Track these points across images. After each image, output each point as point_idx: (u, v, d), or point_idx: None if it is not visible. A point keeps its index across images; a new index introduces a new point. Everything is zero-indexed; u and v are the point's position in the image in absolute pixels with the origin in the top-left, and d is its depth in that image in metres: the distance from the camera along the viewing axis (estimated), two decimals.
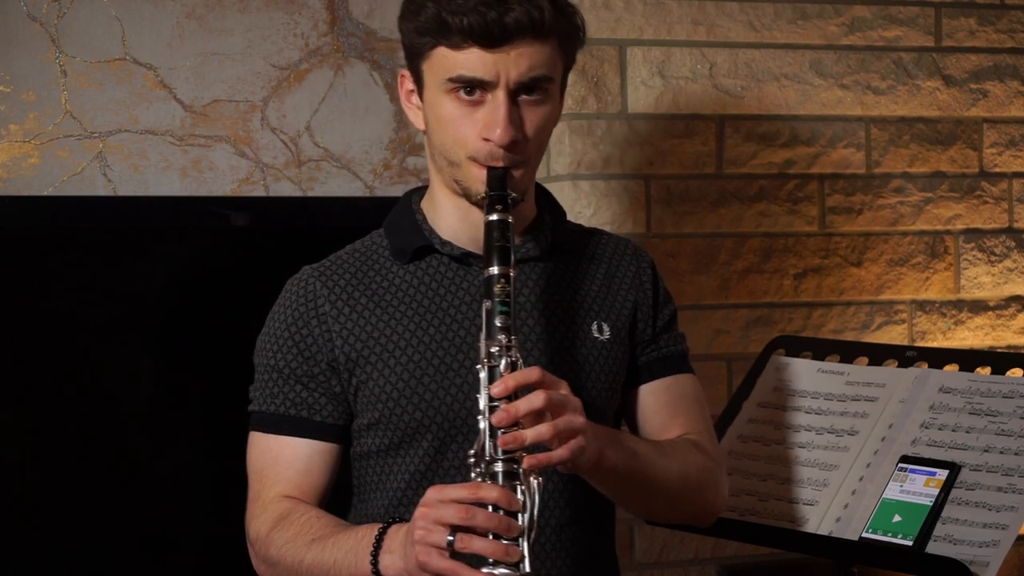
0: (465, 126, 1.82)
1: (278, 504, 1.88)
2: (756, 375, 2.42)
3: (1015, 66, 2.95)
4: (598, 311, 1.97)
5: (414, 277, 1.93)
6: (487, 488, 1.64)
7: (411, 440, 1.89)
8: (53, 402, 2.43)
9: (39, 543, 2.42)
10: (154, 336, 2.50)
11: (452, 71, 1.80)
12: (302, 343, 1.91)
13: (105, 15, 2.56)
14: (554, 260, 1.97)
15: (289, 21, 2.66)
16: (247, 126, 2.64)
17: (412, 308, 1.91)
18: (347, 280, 1.93)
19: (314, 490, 1.91)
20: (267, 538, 1.86)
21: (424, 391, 1.88)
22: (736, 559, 2.74)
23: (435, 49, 1.81)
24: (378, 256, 1.96)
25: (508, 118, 1.79)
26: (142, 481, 2.46)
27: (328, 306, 1.91)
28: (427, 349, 1.89)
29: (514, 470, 1.65)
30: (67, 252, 2.45)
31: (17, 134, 2.52)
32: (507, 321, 1.70)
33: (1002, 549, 2.00)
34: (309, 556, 1.80)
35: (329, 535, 1.80)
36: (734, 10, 2.77)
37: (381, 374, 1.89)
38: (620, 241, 2.07)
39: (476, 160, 1.82)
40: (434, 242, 1.93)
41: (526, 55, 1.79)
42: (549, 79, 1.83)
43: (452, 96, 1.82)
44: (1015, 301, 2.95)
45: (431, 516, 1.64)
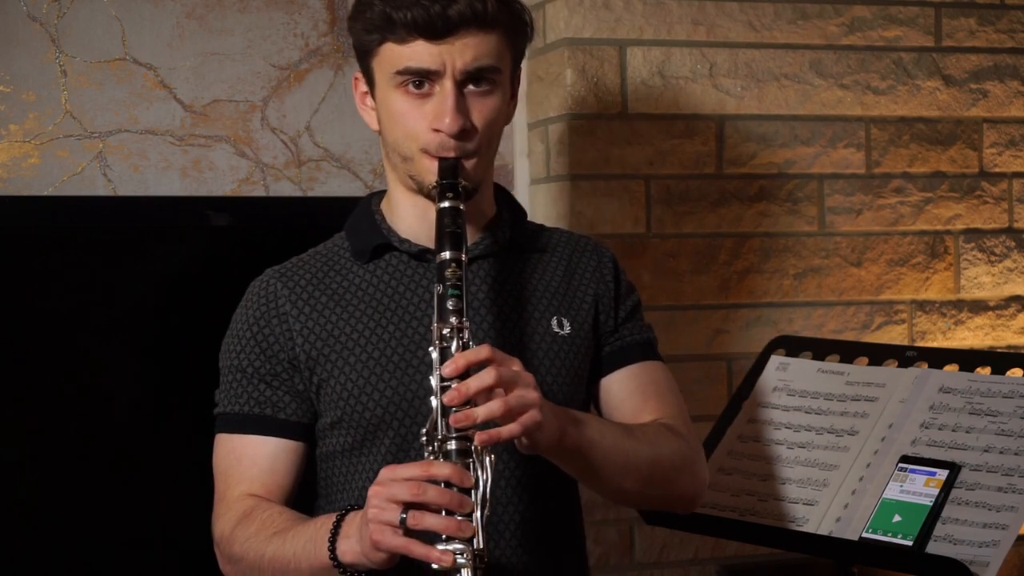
0: (415, 119, 1.85)
1: (242, 503, 1.90)
2: (756, 375, 2.42)
3: (1015, 66, 2.95)
4: (558, 306, 1.97)
5: (373, 276, 1.95)
6: (439, 465, 1.65)
7: (373, 438, 1.89)
8: (53, 402, 2.43)
9: (39, 543, 2.42)
10: (154, 336, 2.50)
11: (399, 64, 1.83)
12: (264, 342, 1.93)
13: (105, 15, 2.56)
14: (512, 257, 1.98)
15: (289, 21, 2.66)
16: (247, 126, 2.64)
17: (371, 306, 1.92)
18: (307, 280, 1.95)
19: (279, 489, 1.92)
20: (230, 536, 1.87)
21: (384, 387, 1.88)
22: (736, 559, 2.74)
23: (383, 45, 1.85)
24: (339, 257, 1.98)
25: (456, 107, 1.82)
26: (142, 481, 2.46)
27: (288, 306, 1.93)
28: (386, 346, 1.90)
29: (466, 447, 1.67)
30: (67, 252, 2.46)
31: (17, 134, 2.52)
32: (458, 304, 1.72)
33: (1002, 549, 2.00)
34: (270, 550, 1.82)
35: (289, 528, 1.82)
36: (734, 10, 2.77)
37: (342, 372, 1.90)
38: (580, 238, 2.08)
39: (427, 152, 1.85)
40: (392, 240, 1.95)
41: (471, 45, 1.82)
42: (495, 69, 1.85)
43: (401, 91, 1.85)
44: (1015, 301, 2.95)
45: (383, 494, 1.65)
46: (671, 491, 1.96)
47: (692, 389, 2.73)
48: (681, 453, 1.94)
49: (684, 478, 1.95)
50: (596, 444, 1.82)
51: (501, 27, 1.85)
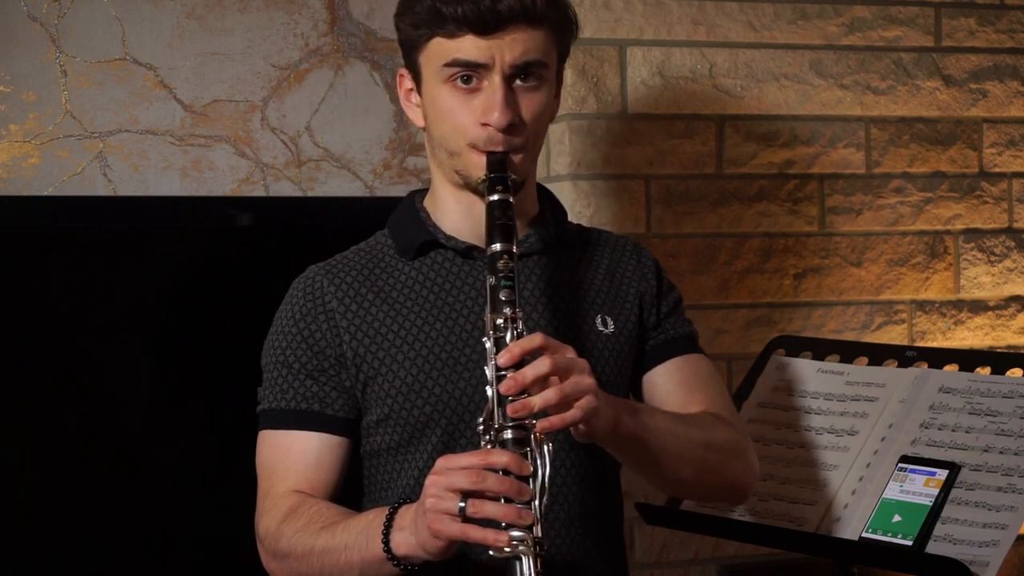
0: (463, 114, 1.85)
1: (287, 499, 1.88)
2: (756, 375, 2.42)
3: (1015, 66, 2.95)
4: (601, 305, 1.99)
5: (419, 273, 1.95)
6: (497, 454, 1.65)
7: (420, 436, 1.90)
8: (53, 402, 2.43)
9: (39, 543, 2.42)
10: (154, 336, 2.50)
11: (447, 56, 1.84)
12: (311, 338, 1.92)
13: (105, 15, 2.56)
14: (557, 254, 1.99)
15: (289, 21, 2.66)
16: (247, 126, 2.64)
17: (418, 304, 1.93)
18: (353, 277, 1.95)
19: (324, 484, 1.91)
20: (277, 532, 1.86)
21: (433, 385, 1.89)
22: (736, 559, 2.74)
23: (431, 40, 1.85)
24: (383, 255, 1.98)
25: (505, 101, 1.83)
26: (142, 481, 2.46)
27: (335, 303, 1.93)
28: (434, 344, 1.90)
29: (524, 436, 1.67)
30: (67, 252, 2.45)
31: (17, 134, 2.52)
32: (511, 295, 1.73)
33: (1002, 549, 2.00)
34: (319, 542, 1.80)
35: (339, 521, 1.81)
36: (734, 10, 2.77)
37: (389, 369, 1.90)
38: (620, 238, 2.10)
39: (475, 147, 1.85)
40: (439, 237, 1.95)
41: (520, 40, 1.83)
42: (543, 64, 1.87)
43: (449, 86, 1.85)
44: (1015, 301, 2.95)
45: (442, 483, 1.64)
46: (725, 478, 1.95)
47: None
48: (733, 440, 1.95)
49: (737, 465, 1.96)
50: (651, 430, 1.82)
51: (549, 23, 1.86)
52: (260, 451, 1.95)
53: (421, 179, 2.69)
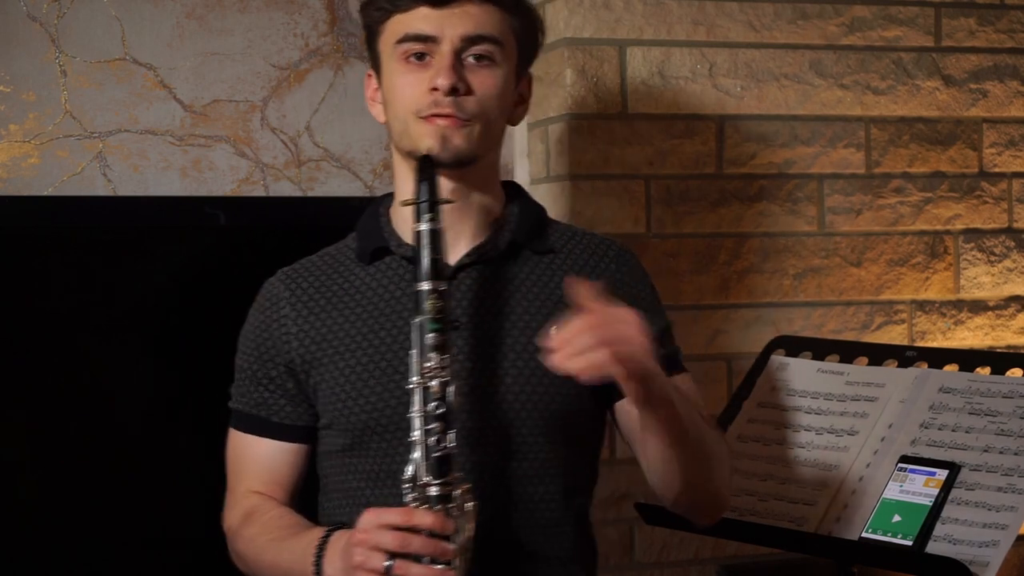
0: (413, 85, 1.86)
1: (247, 499, 1.97)
2: (756, 375, 2.42)
3: (1015, 66, 2.95)
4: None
5: (372, 279, 1.95)
6: (421, 514, 1.69)
7: (363, 441, 1.91)
8: (53, 402, 2.43)
9: (39, 543, 2.42)
10: (154, 336, 2.50)
11: (401, 32, 1.87)
12: (262, 346, 1.97)
13: (105, 15, 2.56)
14: (516, 260, 1.95)
15: (289, 21, 2.66)
16: (247, 126, 2.64)
17: (367, 310, 1.93)
18: (310, 283, 1.97)
19: (279, 487, 1.98)
20: (236, 532, 1.96)
21: (369, 394, 1.89)
22: (736, 559, 2.74)
23: (390, 19, 1.89)
24: (345, 259, 1.99)
25: (451, 65, 1.84)
26: (142, 481, 2.46)
27: (288, 308, 1.96)
28: (376, 351, 1.90)
29: (448, 492, 1.71)
30: (67, 252, 2.46)
31: (17, 134, 2.52)
32: (439, 339, 1.73)
33: (1002, 549, 2.00)
34: (266, 558, 1.89)
35: (284, 537, 1.87)
36: (734, 10, 2.77)
37: (332, 376, 1.91)
38: (603, 242, 2.04)
39: (421, 115, 1.85)
40: (390, 243, 1.95)
41: (471, 14, 1.86)
42: (495, 41, 1.87)
43: (403, 62, 1.87)
44: (1015, 301, 2.95)
45: (369, 542, 1.69)
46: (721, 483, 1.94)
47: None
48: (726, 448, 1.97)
49: (725, 471, 1.95)
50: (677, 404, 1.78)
51: (505, 7, 1.88)
52: (228, 447, 2.03)
53: None
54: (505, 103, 1.91)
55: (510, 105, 1.93)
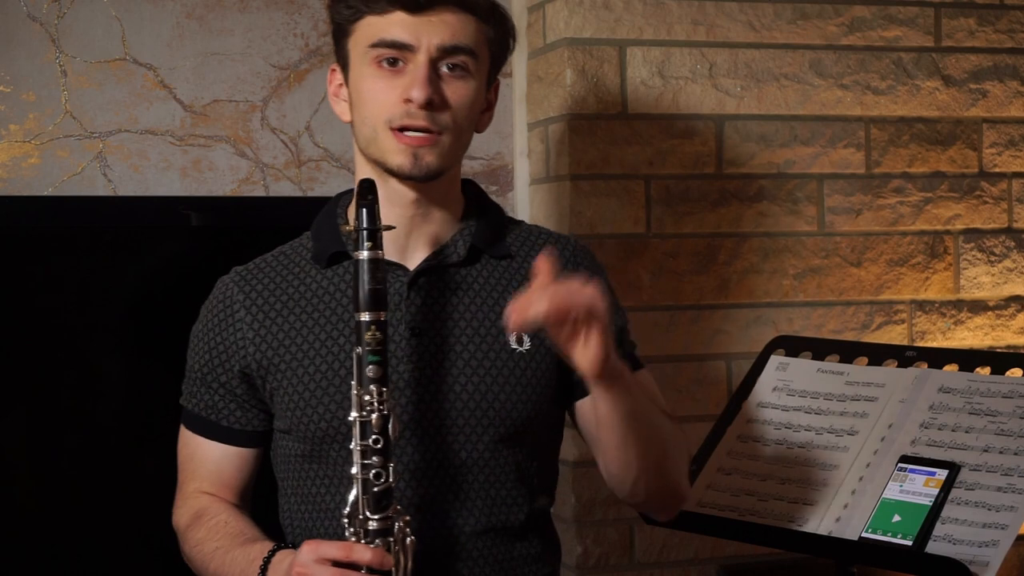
0: (385, 93, 1.82)
1: (196, 500, 1.96)
2: (756, 375, 2.42)
3: (1015, 66, 2.95)
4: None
5: (329, 283, 1.92)
6: (360, 550, 1.69)
7: (323, 449, 1.88)
8: (53, 402, 2.43)
9: (39, 543, 2.42)
10: (153, 336, 2.50)
11: (375, 37, 1.82)
12: (215, 349, 1.93)
13: (105, 15, 2.56)
14: (475, 265, 1.93)
15: (289, 21, 2.66)
16: (247, 126, 2.64)
17: (324, 315, 1.90)
18: (265, 285, 1.93)
19: (228, 489, 1.97)
20: (184, 534, 1.95)
21: (329, 402, 1.86)
22: (736, 559, 2.74)
23: (362, 19, 1.84)
24: (300, 259, 1.96)
25: (427, 78, 1.80)
26: (142, 481, 2.46)
27: (243, 312, 1.92)
28: (335, 359, 1.87)
29: (388, 526, 1.71)
30: (67, 252, 2.46)
31: (17, 134, 2.52)
32: (379, 372, 1.72)
33: (1002, 549, 2.00)
34: (212, 566, 1.88)
35: (229, 548, 1.87)
36: (734, 10, 2.77)
37: (290, 382, 1.88)
38: (559, 240, 2.02)
39: (392, 126, 1.82)
40: (348, 248, 1.90)
41: (448, 23, 1.82)
42: (471, 52, 1.84)
43: (374, 67, 1.83)
44: (1015, 301, 2.95)
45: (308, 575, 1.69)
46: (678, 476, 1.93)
47: (692, 389, 2.73)
48: (685, 445, 1.95)
49: (683, 463, 1.95)
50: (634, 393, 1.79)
51: (480, 14, 1.85)
52: (179, 443, 2.02)
53: None
54: (475, 114, 1.89)
55: (479, 113, 1.91)
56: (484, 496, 1.89)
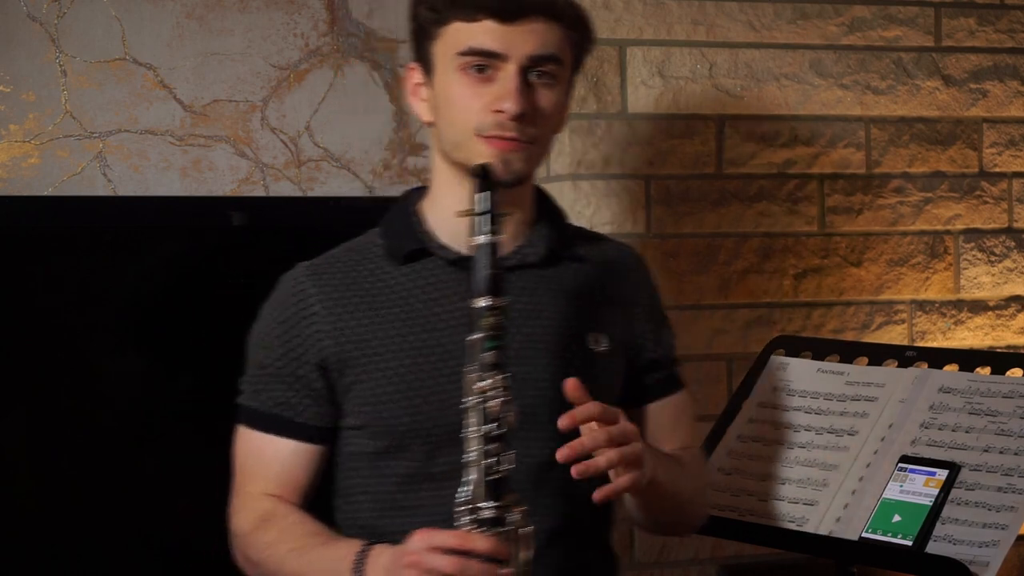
0: (473, 100, 1.82)
1: (260, 502, 1.90)
2: (756, 375, 2.42)
3: (1015, 66, 2.95)
4: (595, 321, 1.95)
5: (408, 279, 1.91)
6: (477, 538, 1.64)
7: (401, 445, 1.87)
8: (53, 402, 2.43)
9: (39, 544, 2.42)
10: (154, 336, 2.50)
11: (464, 44, 1.81)
12: (290, 343, 1.90)
13: (105, 15, 2.56)
14: (553, 267, 1.95)
15: (289, 21, 2.66)
16: (247, 126, 2.64)
17: (405, 311, 1.89)
18: (339, 279, 1.92)
19: (295, 489, 1.91)
20: (248, 537, 1.88)
21: (414, 396, 1.86)
22: (736, 559, 2.74)
23: (449, 25, 1.83)
24: (372, 256, 1.94)
25: (519, 89, 1.80)
26: (142, 481, 2.46)
27: (319, 306, 1.90)
28: (419, 354, 1.87)
29: (503, 516, 1.67)
30: (67, 252, 2.46)
31: (17, 134, 2.52)
32: (498, 357, 1.70)
33: (1002, 549, 2.00)
34: (289, 566, 1.82)
35: (308, 547, 1.81)
36: (734, 10, 2.77)
37: (372, 377, 1.87)
38: (622, 250, 2.06)
39: (481, 134, 1.82)
40: (429, 245, 1.91)
41: (539, 32, 1.82)
42: (559, 61, 1.85)
43: (462, 73, 1.83)
44: (1015, 301, 2.95)
45: (422, 565, 1.64)
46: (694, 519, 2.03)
47: (692, 389, 2.72)
48: (705, 478, 2.01)
49: (705, 502, 2.04)
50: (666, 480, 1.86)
51: (567, 22, 1.86)
52: (236, 446, 1.96)
53: (421, 179, 2.69)
54: (561, 119, 1.91)
55: (563, 120, 1.93)
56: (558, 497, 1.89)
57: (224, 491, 2.48)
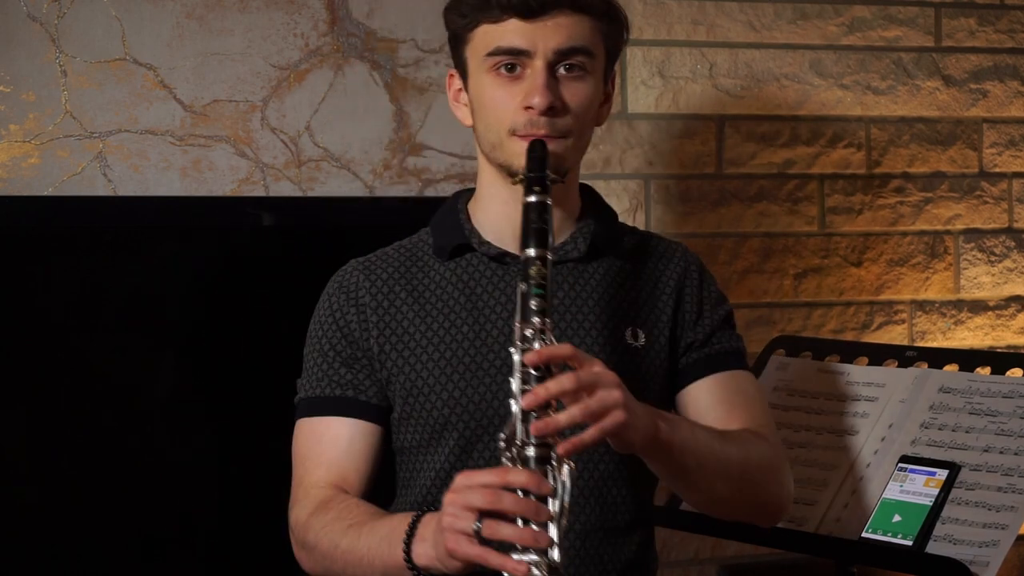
0: (505, 100, 1.85)
1: (319, 491, 1.90)
2: (756, 375, 2.42)
3: (1015, 66, 2.95)
4: (634, 317, 1.96)
5: (452, 274, 1.95)
6: (515, 472, 1.61)
7: (438, 437, 1.90)
8: (53, 403, 2.43)
9: (39, 543, 2.42)
10: (154, 336, 2.50)
11: (491, 45, 1.85)
12: (346, 327, 1.94)
13: (105, 15, 2.56)
14: (590, 263, 1.97)
15: (289, 21, 2.66)
16: (247, 126, 2.64)
17: (448, 305, 1.93)
18: (389, 274, 1.97)
19: (356, 471, 1.91)
20: (306, 523, 1.87)
21: (452, 388, 1.89)
22: (736, 559, 2.74)
23: (477, 28, 1.87)
24: (422, 253, 1.99)
25: (546, 84, 1.83)
26: (142, 481, 2.46)
27: (368, 297, 1.95)
28: (458, 346, 1.90)
29: (546, 454, 1.62)
30: (67, 252, 2.45)
31: (17, 134, 2.52)
32: (542, 304, 1.68)
33: (1002, 549, 2.00)
34: (344, 542, 1.81)
35: (365, 522, 1.81)
36: (734, 10, 2.77)
37: (412, 368, 1.91)
38: (669, 244, 2.06)
39: (516, 133, 1.85)
40: (472, 241, 1.95)
41: (564, 25, 1.84)
42: (587, 52, 1.86)
43: (493, 75, 1.86)
44: (1015, 301, 2.95)
45: (459, 502, 1.61)
46: (761, 497, 1.91)
47: None
48: (770, 458, 1.90)
49: (772, 485, 1.92)
50: (689, 442, 1.78)
51: (595, 13, 1.87)
52: (296, 440, 1.96)
53: (421, 179, 2.69)
54: (595, 111, 1.92)
55: (600, 115, 1.94)
56: (594, 494, 1.90)
57: (224, 490, 2.49)
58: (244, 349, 2.44)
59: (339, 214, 2.61)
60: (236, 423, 2.35)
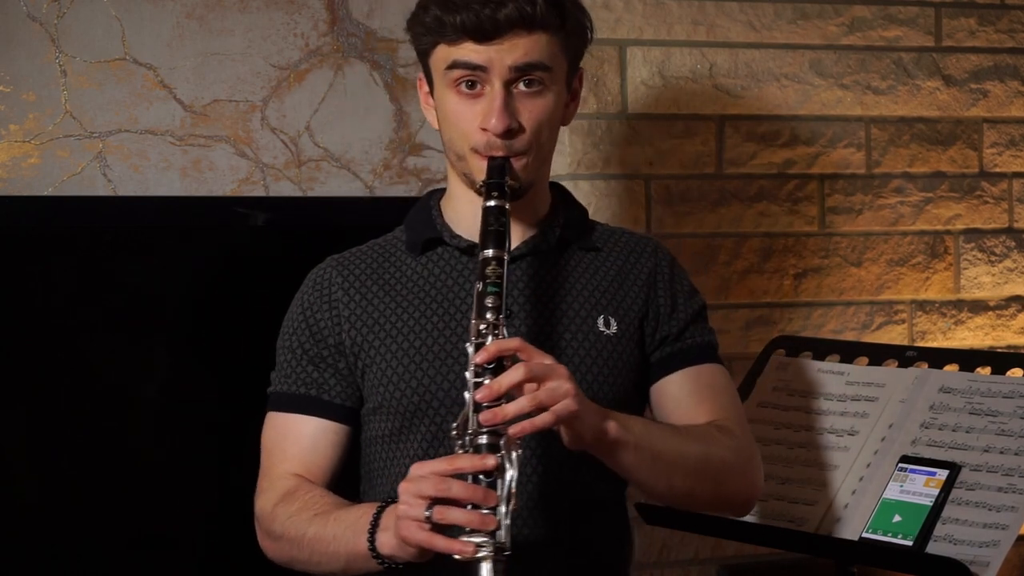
0: (466, 119, 1.90)
1: (285, 481, 1.94)
2: (756, 375, 2.42)
3: (1015, 66, 2.95)
4: (606, 305, 1.99)
5: (424, 268, 2.00)
6: (463, 459, 1.68)
7: (411, 425, 1.93)
8: (53, 403, 2.43)
9: (39, 543, 2.42)
10: (154, 336, 2.50)
11: (449, 60, 1.88)
12: (315, 326, 1.98)
13: (105, 15, 2.56)
14: (560, 255, 2.01)
15: (289, 21, 2.66)
16: (247, 126, 2.64)
17: (419, 297, 1.97)
18: (362, 270, 2.01)
19: (320, 469, 1.96)
20: (272, 513, 1.91)
21: (423, 376, 1.92)
22: (736, 559, 2.74)
23: (437, 47, 1.91)
24: (395, 249, 2.03)
25: (503, 106, 1.86)
26: (142, 480, 2.46)
27: (340, 293, 1.98)
28: (428, 336, 1.94)
29: (496, 442, 1.69)
30: (67, 252, 2.45)
31: (17, 134, 2.52)
32: (496, 301, 1.76)
33: (1002, 549, 2.00)
34: (311, 530, 1.86)
35: (331, 511, 1.86)
36: (734, 10, 2.77)
37: (384, 359, 1.94)
38: (641, 239, 2.09)
39: (477, 151, 1.90)
40: (443, 235, 2.00)
41: (519, 45, 1.86)
42: (545, 68, 1.88)
43: (454, 91, 1.90)
44: (1015, 301, 2.95)
45: (411, 490, 1.68)
46: (723, 491, 1.95)
47: None
48: (734, 453, 1.93)
49: (735, 478, 1.95)
50: (643, 440, 1.83)
51: (552, 29, 1.88)
52: (264, 432, 2.01)
53: (421, 179, 2.69)
54: (556, 122, 1.94)
55: (560, 118, 1.96)
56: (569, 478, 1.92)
57: (223, 489, 2.49)
58: (244, 349, 2.43)
59: (339, 214, 2.61)
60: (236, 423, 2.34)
